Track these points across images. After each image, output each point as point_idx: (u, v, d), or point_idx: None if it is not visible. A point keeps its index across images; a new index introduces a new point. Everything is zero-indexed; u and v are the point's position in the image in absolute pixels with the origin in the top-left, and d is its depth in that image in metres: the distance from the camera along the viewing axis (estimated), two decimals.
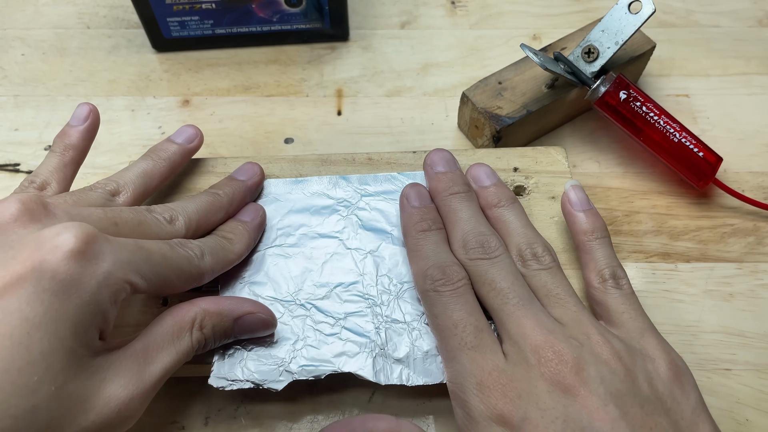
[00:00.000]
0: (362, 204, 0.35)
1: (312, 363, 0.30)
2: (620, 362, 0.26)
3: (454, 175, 0.34)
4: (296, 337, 0.31)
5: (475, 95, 0.41)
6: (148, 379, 0.26)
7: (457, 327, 0.28)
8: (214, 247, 0.30)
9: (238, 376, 0.30)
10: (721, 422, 0.33)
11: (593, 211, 0.32)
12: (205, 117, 0.45)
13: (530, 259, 0.31)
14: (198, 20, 0.46)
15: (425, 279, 0.30)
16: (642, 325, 0.29)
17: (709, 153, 0.38)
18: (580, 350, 0.26)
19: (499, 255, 0.30)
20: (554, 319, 0.28)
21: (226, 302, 0.29)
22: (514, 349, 0.27)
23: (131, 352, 0.26)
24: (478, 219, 0.32)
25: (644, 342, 0.28)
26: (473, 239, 0.31)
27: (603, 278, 0.30)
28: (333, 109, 0.45)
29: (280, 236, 0.35)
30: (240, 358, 0.30)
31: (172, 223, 0.30)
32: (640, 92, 0.39)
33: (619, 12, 0.38)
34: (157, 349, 0.27)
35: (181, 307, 0.28)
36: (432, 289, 0.29)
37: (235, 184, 0.34)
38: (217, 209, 0.33)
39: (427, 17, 0.51)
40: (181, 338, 0.27)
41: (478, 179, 0.34)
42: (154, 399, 0.33)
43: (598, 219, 0.32)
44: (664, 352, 0.28)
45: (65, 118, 0.44)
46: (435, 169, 0.34)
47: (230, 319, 0.29)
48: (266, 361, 0.30)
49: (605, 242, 0.31)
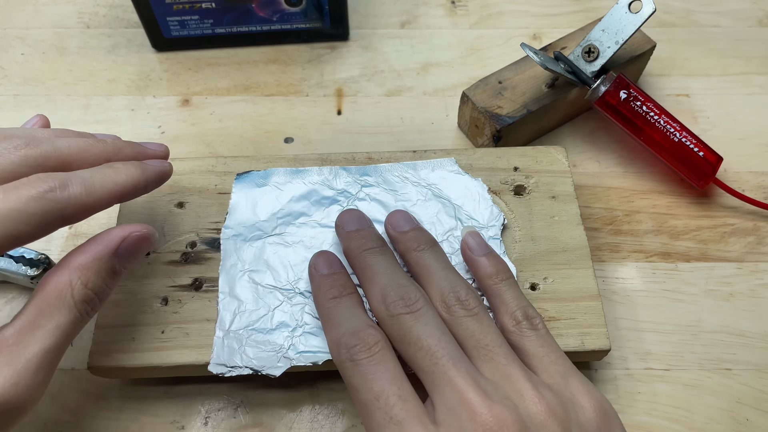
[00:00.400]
0: (362, 195, 0.36)
1: (310, 350, 0.31)
2: (557, 420, 0.25)
3: (366, 232, 0.32)
4: (295, 324, 0.31)
5: (475, 95, 0.41)
6: (25, 365, 0.24)
7: (379, 399, 0.25)
8: (87, 177, 0.27)
9: (236, 362, 0.30)
10: (721, 422, 0.33)
11: (494, 254, 0.32)
12: (204, 116, 0.45)
13: (454, 304, 0.29)
14: (198, 20, 0.46)
15: (340, 348, 0.27)
16: (563, 368, 0.28)
17: (709, 152, 0.38)
18: (518, 412, 0.25)
19: (421, 307, 0.28)
20: (485, 377, 0.27)
21: (94, 244, 0.27)
22: (449, 417, 0.25)
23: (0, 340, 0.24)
24: (395, 271, 0.30)
25: (571, 387, 0.27)
26: (392, 292, 0.29)
27: (516, 320, 0.29)
28: (333, 109, 0.45)
29: (279, 225, 0.35)
30: (239, 344, 0.31)
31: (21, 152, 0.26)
32: (640, 92, 0.39)
33: (619, 11, 0.38)
34: (30, 330, 0.25)
35: (50, 278, 0.26)
36: (348, 358, 0.27)
37: (130, 143, 0.31)
38: (99, 152, 0.29)
39: (427, 17, 0.51)
40: (60, 309, 0.25)
41: (396, 225, 0.33)
42: (154, 399, 0.33)
43: (501, 261, 0.32)
44: (591, 397, 0.27)
45: (65, 118, 0.44)
46: (346, 228, 0.32)
47: (109, 257, 0.27)
48: (265, 348, 0.31)
49: (511, 283, 0.31)
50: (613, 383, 0.34)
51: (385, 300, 0.29)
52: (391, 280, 0.29)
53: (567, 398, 0.27)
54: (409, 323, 0.28)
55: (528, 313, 0.29)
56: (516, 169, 0.37)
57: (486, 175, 0.37)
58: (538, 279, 0.33)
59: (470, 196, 0.36)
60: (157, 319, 0.32)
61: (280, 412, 0.33)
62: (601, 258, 0.38)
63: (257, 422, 0.33)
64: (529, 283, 0.33)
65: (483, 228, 0.35)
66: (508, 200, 0.36)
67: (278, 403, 0.33)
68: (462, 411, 0.25)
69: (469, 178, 0.36)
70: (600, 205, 0.40)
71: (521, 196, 0.36)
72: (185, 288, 0.33)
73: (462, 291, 0.29)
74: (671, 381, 0.34)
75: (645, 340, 0.35)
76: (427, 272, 0.31)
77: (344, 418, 0.33)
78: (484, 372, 0.27)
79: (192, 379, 0.33)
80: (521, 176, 0.37)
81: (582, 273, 0.34)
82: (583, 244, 0.35)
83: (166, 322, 0.32)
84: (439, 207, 0.35)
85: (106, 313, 0.32)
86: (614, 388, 0.34)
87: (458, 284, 0.30)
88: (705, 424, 0.33)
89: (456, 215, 0.35)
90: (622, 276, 0.38)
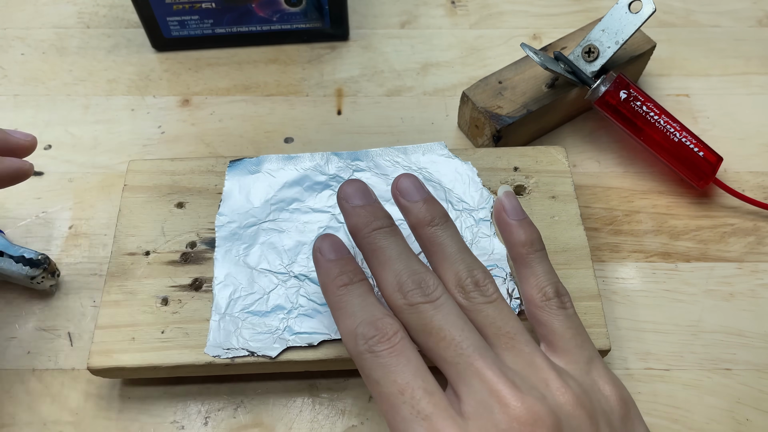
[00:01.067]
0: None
1: (306, 331, 0.31)
2: (584, 410, 0.25)
3: (372, 208, 0.29)
4: (290, 307, 0.32)
5: (475, 95, 0.41)
6: None
7: (404, 393, 0.24)
8: None
9: (233, 344, 0.31)
10: (721, 422, 0.33)
11: (529, 221, 0.30)
12: (204, 116, 0.45)
13: (473, 290, 0.27)
14: (198, 20, 0.46)
15: (356, 339, 0.26)
16: (589, 353, 0.27)
17: (709, 152, 0.38)
18: (547, 403, 0.25)
19: (440, 295, 0.27)
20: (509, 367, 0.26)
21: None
22: (479, 410, 0.24)
23: None
24: (409, 256, 0.28)
25: (594, 374, 0.27)
26: (408, 280, 0.27)
27: (546, 296, 0.28)
28: (333, 109, 0.45)
29: (273, 211, 0.35)
30: (235, 327, 0.31)
31: None
32: (640, 92, 0.39)
33: (619, 11, 0.38)
34: None
35: None
36: (366, 350, 0.26)
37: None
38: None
39: (427, 17, 0.51)
40: None
41: (406, 193, 0.30)
42: (155, 399, 0.33)
43: (535, 230, 0.30)
44: (614, 386, 0.27)
45: (65, 118, 0.44)
46: (351, 202, 0.29)
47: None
48: (261, 330, 0.31)
49: (544, 255, 0.29)
50: None
51: (401, 288, 0.27)
52: (406, 265, 0.28)
53: (590, 386, 0.26)
54: (430, 313, 0.26)
55: (559, 290, 0.28)
56: (516, 169, 0.37)
57: (486, 175, 0.37)
58: None
59: (461, 180, 0.36)
60: (157, 319, 0.32)
61: (280, 412, 0.33)
62: (601, 258, 0.38)
63: (257, 422, 0.33)
64: None
65: (473, 210, 0.35)
66: None
67: (278, 403, 0.33)
68: (493, 404, 0.24)
69: (459, 162, 0.37)
70: (600, 205, 0.40)
71: (521, 196, 0.36)
72: (185, 288, 0.33)
73: (480, 275, 0.28)
74: (671, 381, 0.34)
75: (645, 340, 0.35)
76: (441, 252, 0.29)
77: (344, 418, 0.33)
78: (506, 361, 0.26)
79: (192, 379, 0.33)
80: (521, 176, 0.37)
81: (582, 273, 0.34)
82: (583, 244, 0.35)
83: (166, 322, 0.32)
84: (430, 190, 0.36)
85: (106, 313, 0.32)
86: None
87: (475, 267, 0.28)
88: (705, 424, 0.33)
89: (447, 198, 0.36)
90: (622, 276, 0.38)
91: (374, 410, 0.33)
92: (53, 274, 0.36)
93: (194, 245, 0.35)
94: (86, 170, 0.42)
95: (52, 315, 0.36)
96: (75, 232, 0.39)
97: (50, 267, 0.35)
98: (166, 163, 0.37)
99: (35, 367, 0.34)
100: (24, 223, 0.39)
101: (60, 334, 0.35)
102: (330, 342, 0.31)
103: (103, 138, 0.43)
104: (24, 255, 0.35)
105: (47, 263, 0.35)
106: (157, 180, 0.37)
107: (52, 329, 0.35)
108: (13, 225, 0.39)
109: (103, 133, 0.44)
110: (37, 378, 0.34)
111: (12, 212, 0.40)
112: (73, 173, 0.42)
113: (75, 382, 0.34)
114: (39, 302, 0.36)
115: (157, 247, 0.34)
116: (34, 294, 0.37)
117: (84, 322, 0.36)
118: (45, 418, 0.33)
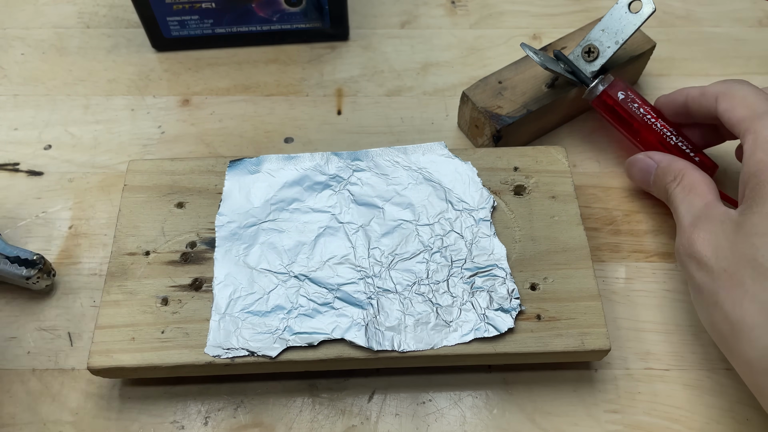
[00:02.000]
0: (354, 179, 0.36)
1: (306, 330, 0.31)
2: None
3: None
4: (290, 307, 0.32)
5: (475, 94, 0.41)
6: None
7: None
8: None
9: (233, 344, 0.31)
10: (721, 422, 0.33)
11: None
12: (204, 116, 0.45)
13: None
14: (198, 20, 0.46)
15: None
16: None
17: (705, 158, 0.38)
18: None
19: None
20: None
21: None
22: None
23: None
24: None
25: None
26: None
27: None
28: (333, 109, 0.45)
29: (273, 211, 0.35)
30: (235, 327, 0.31)
31: None
32: (637, 94, 0.39)
33: (619, 11, 0.38)
34: None
35: None
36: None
37: None
38: None
39: (427, 17, 0.51)
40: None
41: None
42: (155, 399, 0.33)
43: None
44: None
45: (65, 118, 0.44)
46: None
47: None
48: (261, 330, 0.31)
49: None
50: (613, 383, 0.34)
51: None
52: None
53: None
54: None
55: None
56: (516, 169, 0.37)
57: (486, 175, 0.37)
58: (538, 279, 0.33)
59: (460, 179, 0.37)
60: (157, 319, 0.32)
61: (280, 412, 0.33)
62: (601, 258, 0.38)
63: (257, 422, 0.33)
64: (529, 283, 0.33)
65: (473, 210, 0.35)
66: (508, 200, 0.36)
67: (278, 403, 0.33)
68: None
69: (459, 162, 0.37)
70: (600, 205, 0.40)
71: (521, 196, 0.36)
72: (185, 288, 0.33)
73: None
74: (671, 381, 0.34)
75: (645, 340, 0.35)
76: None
77: (344, 418, 0.33)
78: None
79: (192, 379, 0.33)
80: (521, 176, 0.37)
81: (582, 273, 0.34)
82: (583, 244, 0.35)
83: (166, 322, 0.32)
84: (431, 190, 0.36)
85: (106, 313, 0.32)
86: (614, 388, 0.34)
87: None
88: (705, 424, 0.33)
89: (447, 198, 0.36)
90: (622, 276, 0.38)
91: (374, 410, 0.33)
92: (49, 274, 0.36)
93: (194, 245, 0.35)
94: (86, 170, 0.42)
95: (52, 315, 0.36)
96: (75, 232, 0.39)
97: (45, 267, 0.35)
98: (166, 163, 0.37)
99: (35, 367, 0.34)
100: (24, 223, 0.39)
101: (60, 334, 0.35)
102: (330, 342, 0.31)
103: (103, 138, 0.43)
104: (19, 255, 0.35)
105: (42, 263, 0.35)
106: (157, 180, 0.37)
107: (52, 329, 0.35)
108: (12, 225, 0.39)
109: (103, 133, 0.44)
110: (37, 378, 0.34)
111: (12, 212, 0.40)
112: (73, 173, 0.42)
113: (75, 382, 0.34)
114: (39, 302, 0.36)
115: (157, 247, 0.34)
116: (33, 294, 0.37)
117: (84, 322, 0.36)
118: (45, 418, 0.33)
